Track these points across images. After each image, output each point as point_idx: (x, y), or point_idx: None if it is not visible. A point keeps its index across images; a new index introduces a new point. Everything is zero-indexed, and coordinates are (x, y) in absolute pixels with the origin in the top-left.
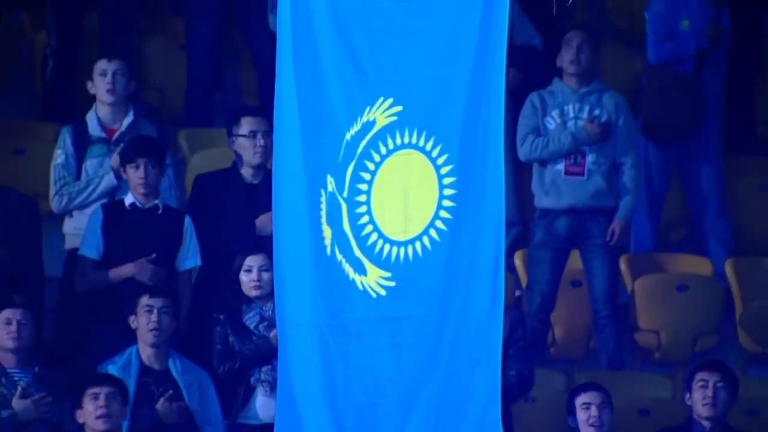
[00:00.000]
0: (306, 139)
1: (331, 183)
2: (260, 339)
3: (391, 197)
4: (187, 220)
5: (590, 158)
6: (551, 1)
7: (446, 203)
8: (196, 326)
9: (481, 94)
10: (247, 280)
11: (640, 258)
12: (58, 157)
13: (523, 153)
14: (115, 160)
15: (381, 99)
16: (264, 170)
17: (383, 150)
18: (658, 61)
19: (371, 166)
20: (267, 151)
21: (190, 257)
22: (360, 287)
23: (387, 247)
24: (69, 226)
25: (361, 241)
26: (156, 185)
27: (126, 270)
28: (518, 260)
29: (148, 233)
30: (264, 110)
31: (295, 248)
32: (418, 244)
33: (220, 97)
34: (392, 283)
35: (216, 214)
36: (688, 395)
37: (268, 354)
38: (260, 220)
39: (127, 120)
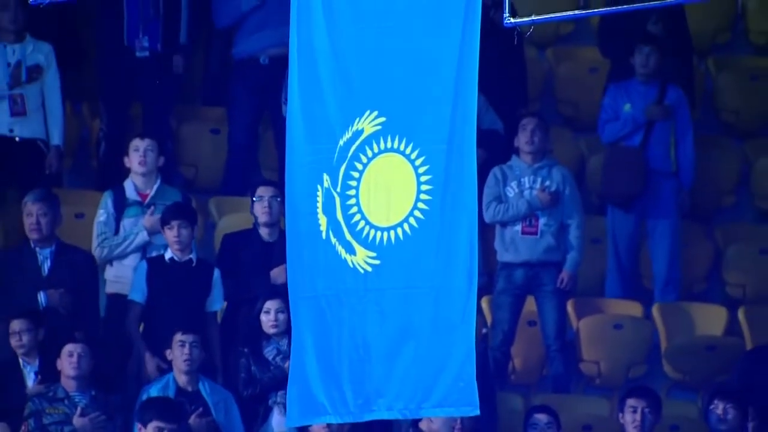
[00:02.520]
0: (308, 144)
1: (327, 180)
2: (277, 368)
3: (376, 191)
4: (216, 272)
5: (542, 221)
6: (511, 95)
7: (423, 197)
8: (225, 357)
9: (455, 107)
10: (266, 320)
11: (583, 302)
12: (101, 216)
13: (487, 217)
14: (147, 219)
15: (368, 111)
16: (278, 230)
17: (369, 153)
18: (606, 139)
19: (359, 167)
20: (272, 212)
21: (217, 301)
22: (350, 265)
23: (372, 232)
24: (110, 273)
25: (351, 227)
26: (188, 243)
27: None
28: (484, 304)
29: (184, 282)
30: (275, 182)
31: (300, 234)
32: (399, 230)
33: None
34: (377, 262)
35: (240, 266)
36: (621, 415)
37: (283, 381)
38: (275, 272)
39: (156, 186)
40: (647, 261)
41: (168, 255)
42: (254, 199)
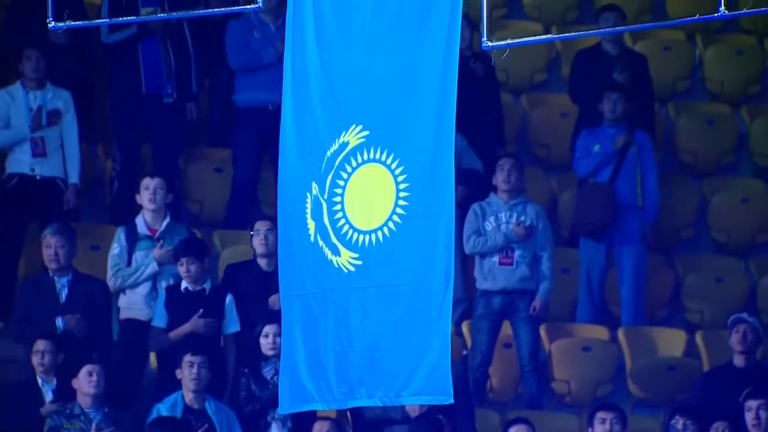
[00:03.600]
0: (299, 156)
1: (315, 188)
2: (275, 387)
3: (359, 198)
4: (229, 297)
5: (518, 252)
6: (490, 137)
7: (401, 203)
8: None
9: (435, 123)
10: (265, 343)
11: (554, 326)
12: (114, 249)
13: (467, 248)
14: (157, 252)
15: (354, 125)
16: (275, 261)
17: (354, 163)
18: (581, 174)
19: (345, 175)
20: (269, 244)
21: (232, 324)
22: (335, 265)
23: (355, 235)
24: (122, 301)
25: (337, 230)
26: (198, 275)
27: (186, 328)
28: (465, 328)
29: (198, 308)
30: (272, 217)
31: (290, 237)
32: (379, 233)
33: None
34: (359, 262)
35: (241, 293)
36: (590, 429)
37: None
38: (272, 299)
39: (165, 222)
40: (614, 288)
41: (183, 285)
42: (252, 233)
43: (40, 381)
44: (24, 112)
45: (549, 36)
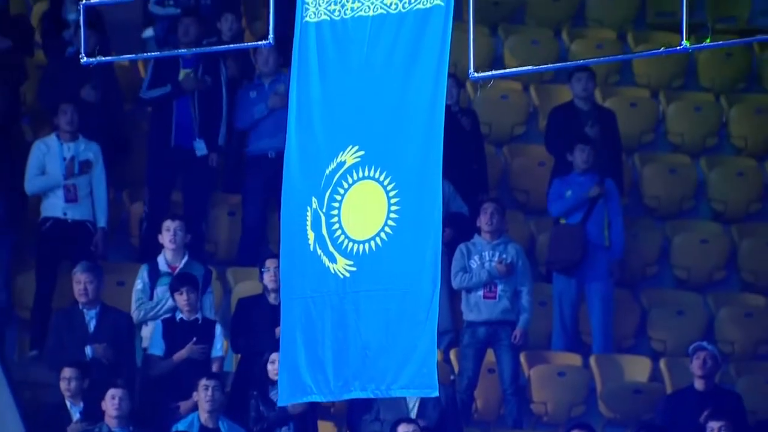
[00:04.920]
0: (301, 174)
1: (315, 202)
2: (281, 408)
3: (354, 211)
4: (218, 327)
5: (500, 287)
6: (475, 184)
7: (392, 215)
8: (240, 399)
9: (423, 145)
10: (272, 369)
11: (533, 354)
12: (138, 284)
13: (455, 284)
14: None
15: (350, 146)
16: None
17: (350, 180)
18: (554, 213)
19: (342, 191)
20: (277, 280)
21: (218, 350)
22: (332, 271)
23: (351, 244)
24: (145, 331)
25: (333, 240)
26: (195, 305)
27: (183, 353)
28: (453, 356)
29: (191, 336)
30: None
31: (292, 247)
32: (372, 243)
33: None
34: (354, 269)
35: (251, 325)
36: None
37: (285, 418)
38: (278, 330)
39: (184, 260)
40: (585, 319)
41: (179, 315)
42: (262, 270)
43: (68, 404)
44: (58, 162)
45: (529, 68)
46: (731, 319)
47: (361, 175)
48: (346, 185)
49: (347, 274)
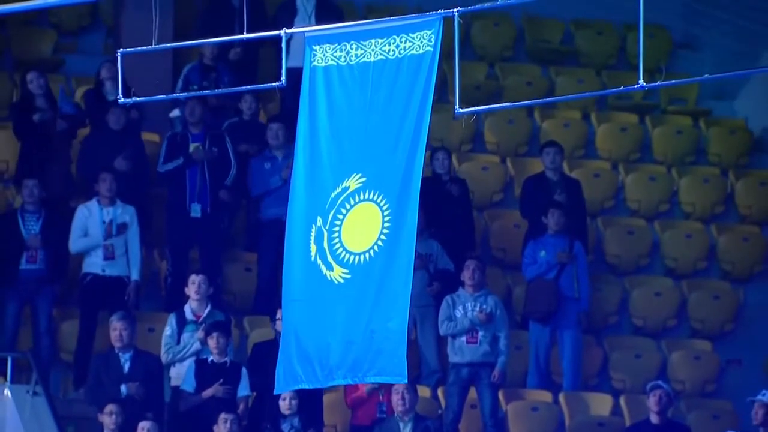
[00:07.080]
0: (307, 197)
1: (319, 221)
2: None
3: (354, 227)
4: (243, 370)
5: (481, 333)
6: (460, 243)
7: (385, 230)
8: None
9: (405, 171)
10: (283, 405)
11: (510, 392)
12: (167, 331)
13: (442, 331)
14: (200, 333)
15: (354, 173)
16: None
17: (352, 202)
18: (528, 276)
19: (344, 211)
20: None
21: (243, 389)
22: (328, 278)
23: (348, 255)
24: (173, 372)
25: (333, 252)
26: (224, 348)
27: (210, 391)
28: (440, 393)
29: (220, 376)
30: None
31: (294, 257)
32: (366, 254)
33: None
34: (348, 276)
35: (265, 366)
36: None
37: None
38: None
39: (207, 309)
40: (556, 361)
41: (210, 357)
42: (275, 318)
43: None
44: (99, 224)
45: (517, 102)
46: (682, 361)
47: (362, 197)
48: (348, 206)
49: (342, 281)
